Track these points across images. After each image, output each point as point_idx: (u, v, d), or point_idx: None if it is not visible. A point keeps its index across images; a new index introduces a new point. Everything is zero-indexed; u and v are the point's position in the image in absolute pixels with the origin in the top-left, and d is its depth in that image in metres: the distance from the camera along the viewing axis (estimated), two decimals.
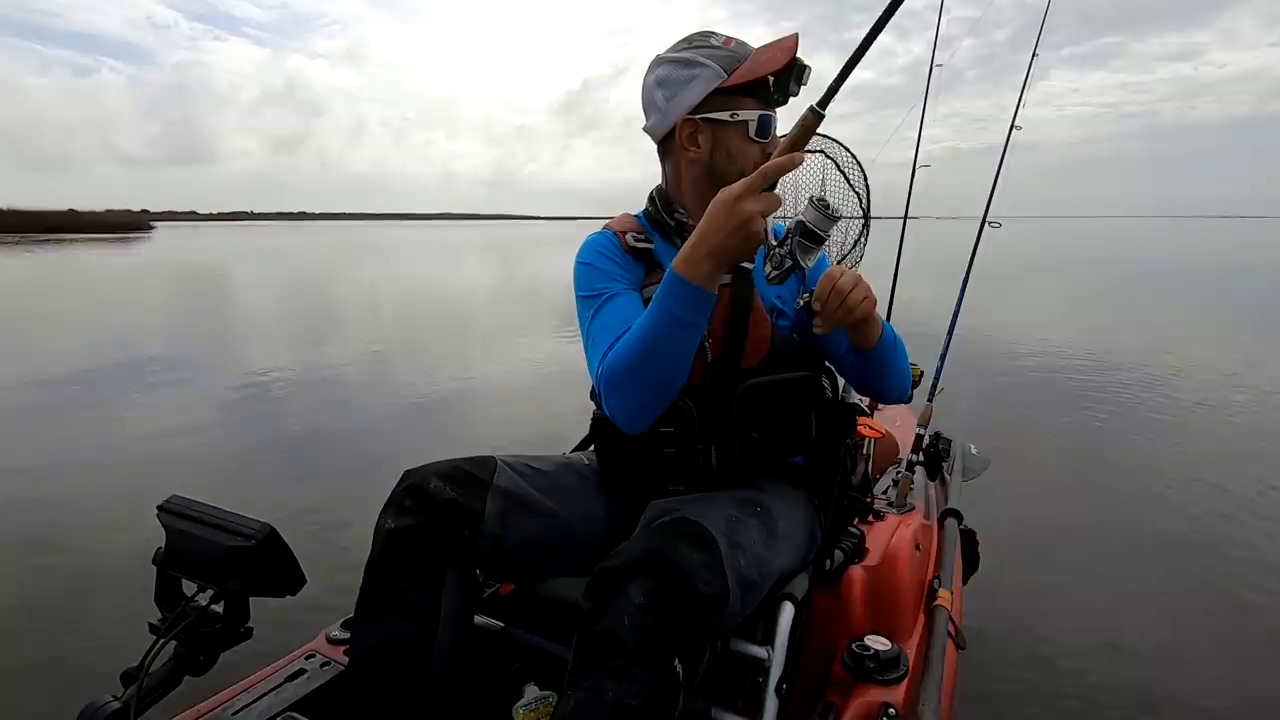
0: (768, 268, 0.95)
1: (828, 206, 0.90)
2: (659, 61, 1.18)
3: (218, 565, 0.94)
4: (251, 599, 0.98)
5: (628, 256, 1.21)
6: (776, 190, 0.94)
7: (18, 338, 8.72)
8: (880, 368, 1.19)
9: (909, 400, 1.32)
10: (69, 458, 4.12)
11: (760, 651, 1.10)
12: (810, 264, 0.94)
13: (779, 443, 1.21)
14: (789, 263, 0.93)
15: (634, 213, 1.29)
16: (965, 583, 1.73)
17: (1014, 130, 2.73)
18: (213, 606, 0.97)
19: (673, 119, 1.16)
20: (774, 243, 0.96)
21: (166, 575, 0.98)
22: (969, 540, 1.77)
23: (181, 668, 0.96)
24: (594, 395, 1.22)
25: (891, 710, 1.13)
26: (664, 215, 1.22)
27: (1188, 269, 20.63)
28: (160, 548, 0.98)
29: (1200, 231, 66.32)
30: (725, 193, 0.91)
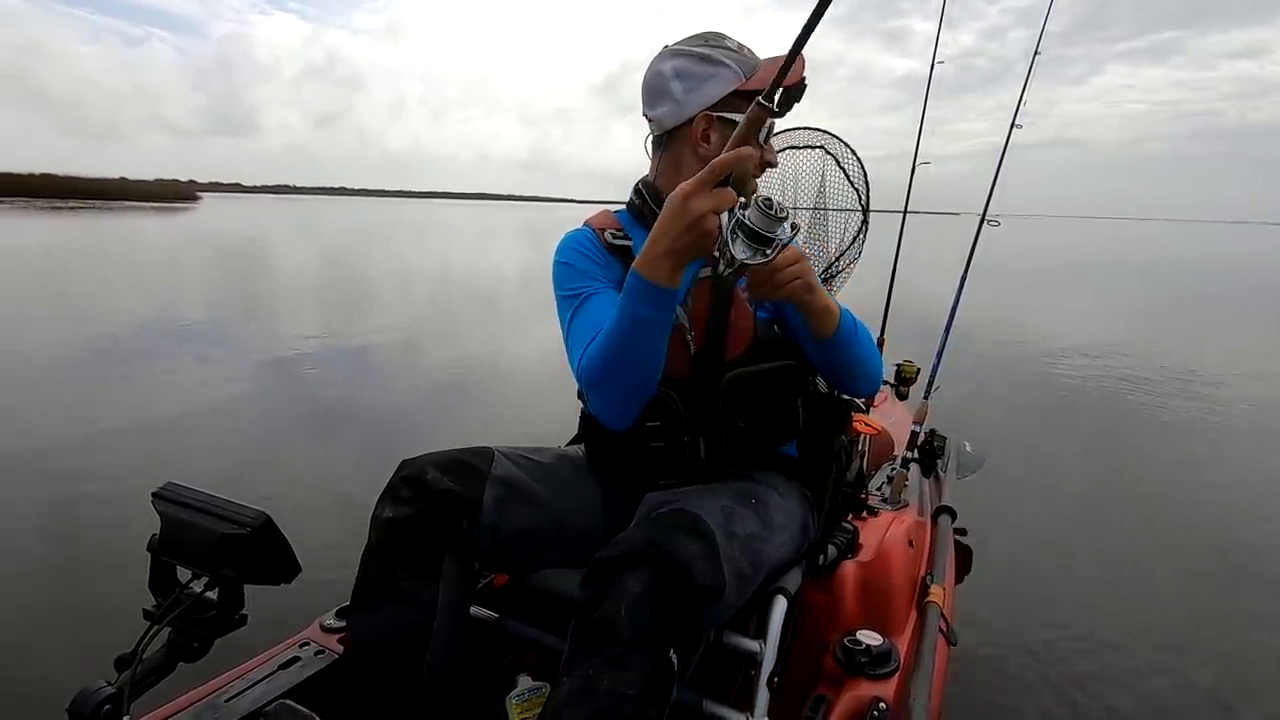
0: (720, 266, 0.86)
1: (771, 205, 0.81)
2: (674, 53, 1.09)
3: (212, 552, 0.88)
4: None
5: (606, 254, 1.13)
6: (768, 187, 0.84)
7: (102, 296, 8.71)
8: (842, 358, 1.10)
9: (877, 389, 1.24)
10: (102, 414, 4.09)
11: (753, 645, 1.05)
12: (756, 263, 0.84)
13: (766, 432, 1.14)
14: (736, 263, 0.84)
15: (614, 210, 1.21)
16: (958, 581, 1.67)
17: (1014, 128, 2.63)
18: (207, 594, 0.91)
19: (690, 111, 1.08)
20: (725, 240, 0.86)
21: (161, 562, 0.92)
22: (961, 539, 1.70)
23: (175, 654, 0.90)
24: (581, 393, 1.14)
25: (882, 705, 1.08)
26: (653, 207, 1.13)
27: (1256, 280, 16.92)
28: (155, 534, 0.91)
29: (1265, 239, 59.99)
30: (677, 191, 0.84)
